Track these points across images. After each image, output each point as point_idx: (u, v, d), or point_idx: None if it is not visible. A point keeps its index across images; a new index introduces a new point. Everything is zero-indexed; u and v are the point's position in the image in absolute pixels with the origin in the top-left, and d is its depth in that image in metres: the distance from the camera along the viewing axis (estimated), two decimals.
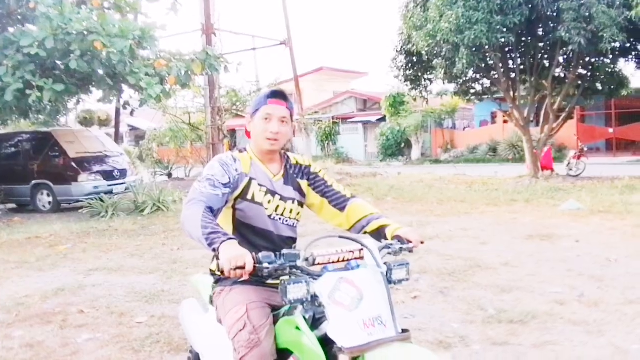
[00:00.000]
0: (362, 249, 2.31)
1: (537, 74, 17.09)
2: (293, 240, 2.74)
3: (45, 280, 7.00)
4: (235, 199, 2.58)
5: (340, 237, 2.38)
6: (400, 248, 2.41)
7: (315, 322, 2.21)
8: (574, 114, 22.04)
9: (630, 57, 16.99)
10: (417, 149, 31.82)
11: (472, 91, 19.44)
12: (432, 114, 31.07)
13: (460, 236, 8.81)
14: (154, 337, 4.77)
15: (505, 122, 27.22)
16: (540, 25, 15.79)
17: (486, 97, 19.99)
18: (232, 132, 26.25)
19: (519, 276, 6.29)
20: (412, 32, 16.40)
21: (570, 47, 14.42)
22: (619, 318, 4.82)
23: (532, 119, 18.37)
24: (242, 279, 2.15)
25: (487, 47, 15.16)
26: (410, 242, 2.45)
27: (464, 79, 18.06)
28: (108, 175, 14.89)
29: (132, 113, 17.69)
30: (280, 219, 2.66)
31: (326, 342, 2.11)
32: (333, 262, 2.29)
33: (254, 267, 2.07)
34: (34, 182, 14.63)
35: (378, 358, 1.98)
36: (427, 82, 18.89)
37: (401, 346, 2.03)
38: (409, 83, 19.00)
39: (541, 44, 16.59)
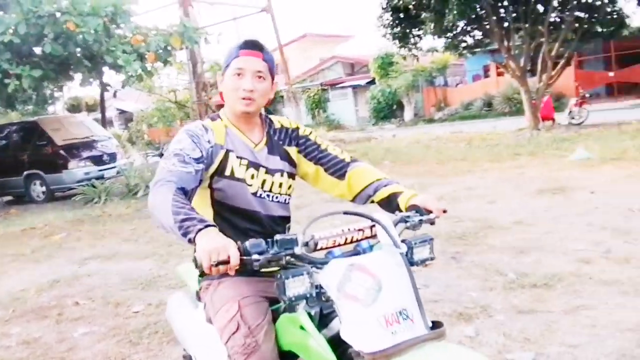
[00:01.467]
0: (373, 226, 1.87)
1: (531, 20, 16.63)
2: (285, 219, 2.32)
3: (41, 272, 6.91)
4: (212, 177, 2.15)
5: (345, 212, 1.89)
6: (420, 220, 1.95)
7: (323, 319, 1.80)
8: (572, 60, 21.57)
9: None
10: (409, 110, 31.33)
11: (463, 45, 19.04)
12: (423, 72, 30.50)
13: (466, 196, 8.50)
14: (151, 327, 4.57)
15: (499, 74, 26.80)
16: None
17: (478, 50, 19.58)
18: (221, 107, 25.96)
19: (535, 235, 5.95)
20: None
21: None
22: None
23: (528, 68, 17.96)
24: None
25: None
26: (431, 211, 1.99)
27: (455, 32, 17.73)
28: (98, 160, 14.77)
29: (114, 95, 17.49)
30: (268, 196, 2.23)
31: (339, 343, 1.70)
32: (339, 245, 1.84)
33: (241, 259, 1.63)
34: (26, 172, 14.49)
35: None
36: (416, 38, 18.46)
37: (436, 347, 1.60)
38: (397, 41, 18.57)
39: None
